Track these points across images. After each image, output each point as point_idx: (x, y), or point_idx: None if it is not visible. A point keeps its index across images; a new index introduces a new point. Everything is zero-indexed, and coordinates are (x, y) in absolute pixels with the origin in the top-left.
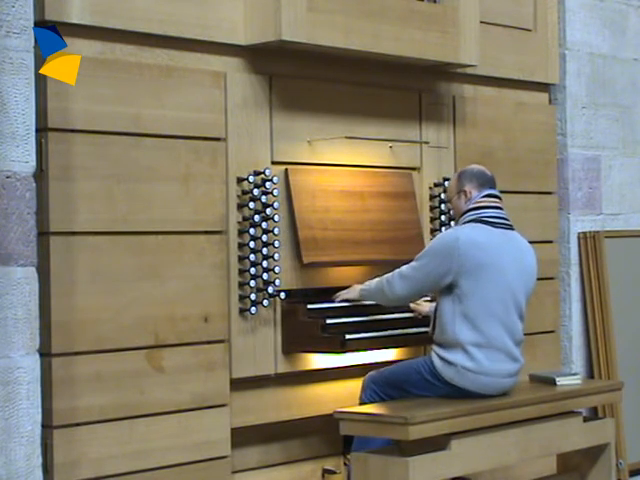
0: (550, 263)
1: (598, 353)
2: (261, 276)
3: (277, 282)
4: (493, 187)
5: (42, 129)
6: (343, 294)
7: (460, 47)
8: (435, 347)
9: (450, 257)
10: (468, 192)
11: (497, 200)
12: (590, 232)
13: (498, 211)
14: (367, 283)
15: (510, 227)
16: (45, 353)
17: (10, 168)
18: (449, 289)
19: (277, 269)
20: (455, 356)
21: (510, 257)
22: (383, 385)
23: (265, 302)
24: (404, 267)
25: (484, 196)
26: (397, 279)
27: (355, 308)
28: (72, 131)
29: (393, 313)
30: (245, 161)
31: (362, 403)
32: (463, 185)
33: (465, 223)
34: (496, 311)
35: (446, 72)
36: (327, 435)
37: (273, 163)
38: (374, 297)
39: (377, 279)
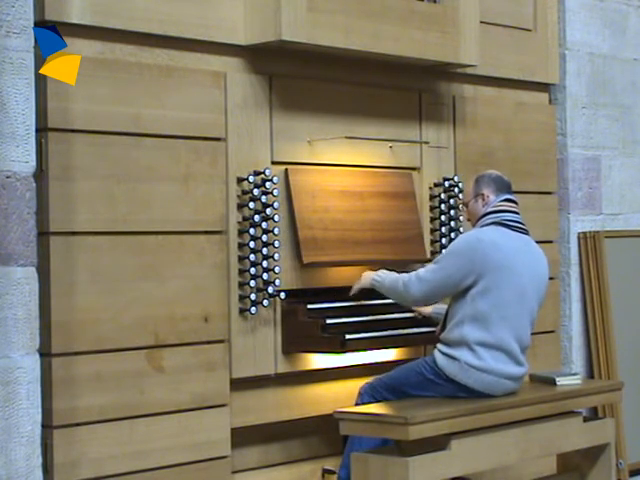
0: (550, 263)
1: (598, 353)
2: (261, 276)
3: (277, 282)
4: (510, 192)
5: (42, 129)
6: (356, 285)
7: (460, 47)
8: (439, 345)
9: (473, 258)
10: (486, 196)
11: (515, 205)
12: (590, 232)
13: (516, 215)
14: (380, 275)
15: (526, 232)
16: (45, 353)
17: (10, 168)
18: (464, 289)
19: (277, 269)
20: (460, 352)
21: (526, 261)
22: (381, 391)
23: (265, 302)
24: (421, 270)
25: (503, 200)
26: (415, 282)
27: (355, 308)
28: (72, 131)
29: (393, 313)
30: (245, 161)
31: None
32: (481, 189)
33: (484, 226)
34: (508, 314)
35: (446, 72)
36: (327, 435)
37: (273, 163)
38: (386, 293)
39: (392, 276)
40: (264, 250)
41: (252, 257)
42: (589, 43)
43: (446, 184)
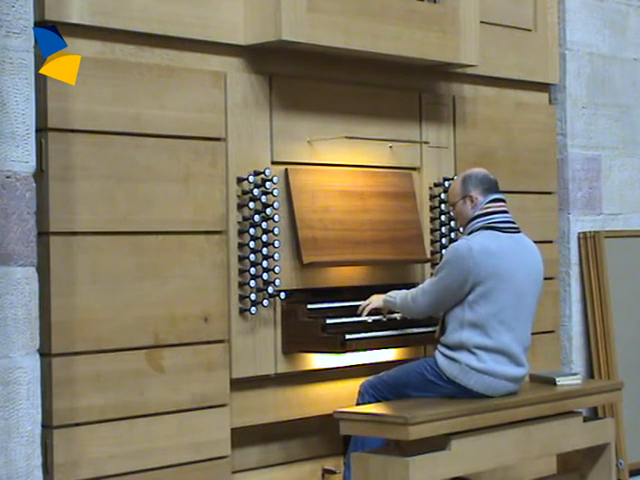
0: (550, 263)
1: (598, 353)
2: (261, 276)
3: (277, 282)
4: (497, 191)
5: (42, 129)
6: (367, 307)
7: (460, 47)
8: (440, 347)
9: (466, 268)
10: (474, 198)
11: (503, 204)
12: (590, 232)
13: (506, 215)
14: (391, 294)
15: (517, 230)
16: (45, 353)
17: (10, 168)
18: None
19: (277, 269)
20: (460, 355)
21: (521, 262)
22: (382, 390)
23: (265, 302)
24: (426, 282)
25: (490, 201)
26: (420, 295)
27: (355, 308)
28: (72, 131)
29: (392, 313)
30: (245, 161)
31: None
32: (468, 191)
33: (474, 230)
34: (506, 318)
35: (446, 72)
36: (327, 435)
37: (273, 163)
38: (399, 309)
39: (401, 294)
40: (264, 250)
41: (252, 257)
42: (589, 43)
43: (446, 184)
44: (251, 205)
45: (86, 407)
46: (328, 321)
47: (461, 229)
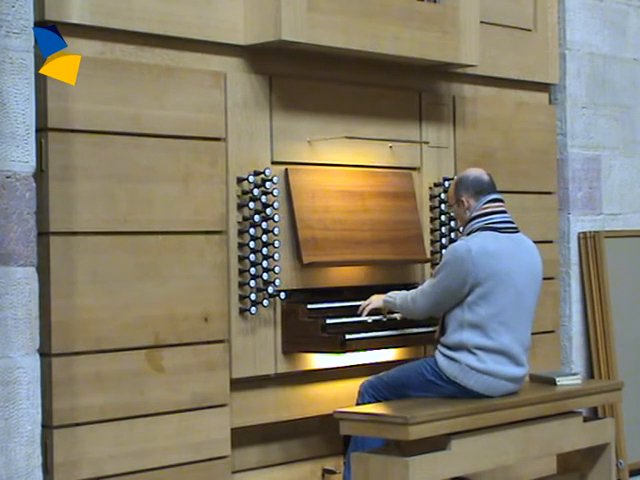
0: (550, 263)
1: (598, 353)
2: (261, 276)
3: (277, 282)
4: (493, 191)
5: (42, 129)
6: (368, 307)
7: (460, 47)
8: (440, 347)
9: (464, 269)
10: (465, 201)
11: (501, 204)
12: (590, 232)
13: (504, 215)
14: (391, 295)
15: (516, 230)
16: (45, 353)
17: (10, 168)
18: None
19: (277, 269)
20: (460, 355)
21: (520, 262)
22: (382, 390)
23: (265, 302)
24: (426, 283)
25: (488, 202)
26: (419, 296)
27: (355, 308)
28: (72, 131)
29: (392, 313)
30: (245, 161)
31: None
32: (460, 195)
33: (473, 231)
34: (506, 319)
35: (446, 72)
36: (327, 435)
37: (273, 163)
38: (399, 310)
39: (401, 294)
40: (264, 250)
41: (252, 257)
42: (589, 43)
43: (446, 184)
44: (251, 205)
45: (86, 407)
46: (328, 321)
47: (461, 229)
